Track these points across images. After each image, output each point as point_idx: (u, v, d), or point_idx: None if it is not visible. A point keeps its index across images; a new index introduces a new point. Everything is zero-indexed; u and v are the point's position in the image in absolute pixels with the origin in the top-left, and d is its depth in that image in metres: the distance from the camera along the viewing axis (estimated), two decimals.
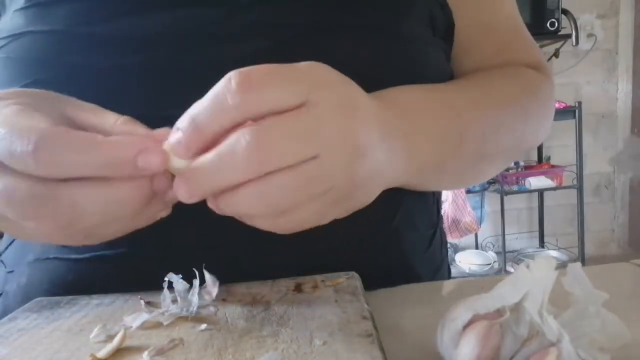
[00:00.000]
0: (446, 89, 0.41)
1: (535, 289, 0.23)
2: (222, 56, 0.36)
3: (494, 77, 0.46)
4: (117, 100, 0.36)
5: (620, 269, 0.43)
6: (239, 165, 0.24)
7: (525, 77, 0.48)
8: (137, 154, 0.25)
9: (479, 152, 0.40)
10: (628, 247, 2.81)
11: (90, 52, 0.36)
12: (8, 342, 0.29)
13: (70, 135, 0.25)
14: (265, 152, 0.24)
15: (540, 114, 0.47)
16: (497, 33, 0.49)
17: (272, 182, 0.25)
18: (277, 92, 0.25)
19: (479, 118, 0.40)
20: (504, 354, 0.23)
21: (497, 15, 0.49)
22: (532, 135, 0.48)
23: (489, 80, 0.45)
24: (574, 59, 2.62)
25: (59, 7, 0.36)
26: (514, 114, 0.43)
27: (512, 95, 0.44)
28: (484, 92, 0.43)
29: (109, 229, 0.28)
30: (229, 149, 0.24)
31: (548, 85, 0.49)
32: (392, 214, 0.43)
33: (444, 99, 0.39)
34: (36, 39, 0.36)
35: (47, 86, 0.35)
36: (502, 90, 0.44)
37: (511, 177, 2.41)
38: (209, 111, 0.25)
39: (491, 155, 0.43)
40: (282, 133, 0.25)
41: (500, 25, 0.49)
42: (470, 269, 2.43)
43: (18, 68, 0.36)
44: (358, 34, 0.38)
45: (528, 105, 0.45)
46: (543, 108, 0.48)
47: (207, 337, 0.28)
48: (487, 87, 0.44)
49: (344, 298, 0.32)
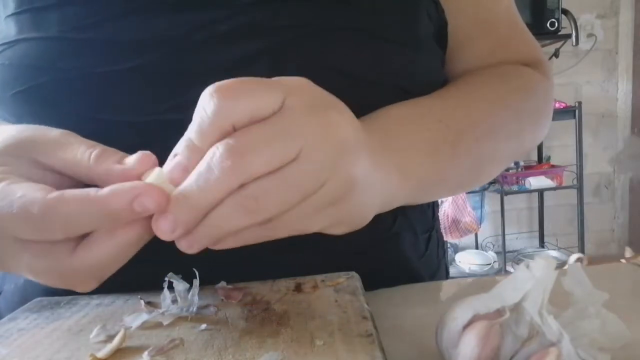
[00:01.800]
0: (431, 101, 0.40)
1: (535, 289, 0.23)
2: (216, 60, 0.35)
3: (485, 78, 0.45)
4: (111, 105, 0.35)
5: (620, 269, 0.43)
6: (217, 179, 0.24)
7: (520, 76, 0.47)
8: (132, 201, 0.25)
9: (474, 158, 0.40)
10: (628, 247, 2.81)
11: (85, 58, 0.35)
12: (8, 342, 0.29)
13: (65, 200, 0.25)
14: (240, 160, 0.24)
15: (538, 112, 0.47)
16: (494, 29, 0.48)
17: (253, 189, 0.25)
18: (253, 99, 0.25)
19: (468, 125, 0.39)
20: (504, 354, 0.23)
21: (494, 11, 0.48)
22: (530, 135, 0.47)
23: (479, 83, 0.45)
24: (574, 59, 2.63)
25: (51, 13, 0.35)
26: (508, 115, 0.43)
27: (504, 96, 0.44)
28: (472, 98, 0.42)
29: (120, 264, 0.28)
30: (206, 165, 0.25)
31: (545, 82, 0.49)
32: (392, 218, 0.43)
33: (429, 111, 0.39)
34: (30, 45, 0.36)
35: (41, 92, 0.35)
36: (493, 92, 0.44)
37: (511, 177, 2.41)
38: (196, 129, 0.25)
39: (488, 159, 0.43)
40: (256, 139, 0.25)
41: (497, 22, 0.48)
42: (470, 269, 2.43)
43: (12, 74, 0.36)
44: (356, 36, 0.38)
45: (523, 105, 0.45)
46: (540, 106, 0.47)
47: (207, 337, 0.28)
48: (476, 91, 0.43)
49: (344, 298, 0.32)
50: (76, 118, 0.35)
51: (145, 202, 0.25)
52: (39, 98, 0.36)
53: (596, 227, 2.78)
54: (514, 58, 0.49)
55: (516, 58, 0.49)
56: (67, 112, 0.35)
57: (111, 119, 0.35)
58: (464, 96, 0.42)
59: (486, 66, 0.48)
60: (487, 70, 0.47)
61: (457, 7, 0.45)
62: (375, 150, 0.31)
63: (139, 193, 0.25)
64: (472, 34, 0.47)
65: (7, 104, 0.37)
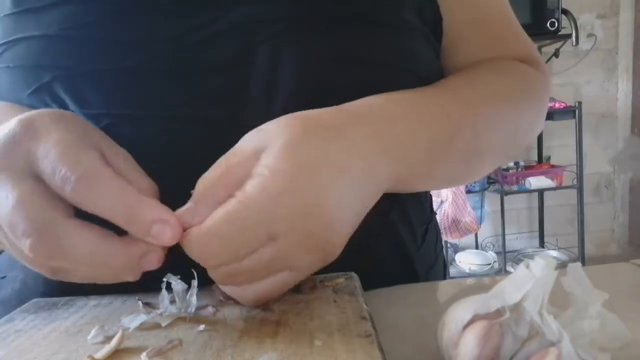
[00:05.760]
0: (434, 90, 0.40)
1: (535, 289, 0.23)
2: (216, 57, 0.35)
3: (484, 72, 0.45)
4: (115, 102, 0.36)
5: (620, 269, 0.43)
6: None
7: (517, 71, 0.47)
8: (155, 221, 0.27)
9: (469, 150, 0.40)
10: (628, 247, 2.81)
11: (87, 55, 0.35)
12: (5, 344, 0.29)
13: (110, 178, 0.27)
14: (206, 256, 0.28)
15: (533, 109, 0.47)
16: (486, 26, 0.48)
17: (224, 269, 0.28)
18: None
19: (468, 117, 0.39)
20: (504, 354, 0.23)
21: (486, 9, 0.48)
22: (526, 131, 0.47)
23: (479, 76, 0.44)
24: (574, 59, 2.62)
25: (50, 12, 0.35)
26: (505, 109, 0.43)
27: (502, 91, 0.44)
28: (473, 90, 0.42)
29: (78, 275, 0.30)
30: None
31: (541, 78, 0.49)
32: (387, 208, 0.42)
33: (432, 100, 0.38)
34: (31, 44, 0.36)
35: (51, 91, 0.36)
36: (492, 86, 0.43)
37: (511, 177, 2.41)
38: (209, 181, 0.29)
39: (483, 153, 0.42)
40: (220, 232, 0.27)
41: (489, 19, 0.48)
42: (470, 269, 2.43)
43: (20, 75, 0.36)
44: (353, 25, 0.38)
45: (520, 101, 0.45)
46: (536, 102, 0.47)
47: (205, 338, 0.28)
48: (476, 84, 0.43)
49: (343, 298, 0.32)
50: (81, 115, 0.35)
51: (166, 230, 0.27)
52: (49, 97, 0.36)
53: (596, 227, 2.78)
54: (506, 55, 0.48)
55: (509, 55, 0.48)
56: (72, 110, 0.36)
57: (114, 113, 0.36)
58: (465, 87, 0.42)
59: (479, 62, 0.47)
60: (485, 64, 0.46)
61: (448, 5, 0.45)
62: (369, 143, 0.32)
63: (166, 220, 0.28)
64: (463, 31, 0.47)
65: (25, 105, 0.37)
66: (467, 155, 0.40)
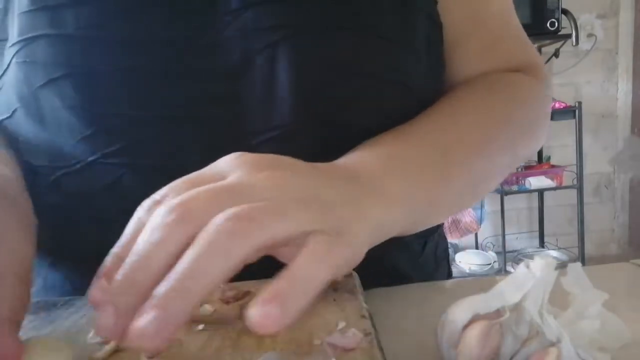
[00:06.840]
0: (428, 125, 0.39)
1: (535, 289, 0.23)
2: (220, 61, 0.36)
3: (473, 93, 0.44)
4: (118, 101, 0.36)
5: (620, 269, 0.43)
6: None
7: (512, 87, 0.46)
8: None
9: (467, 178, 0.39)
10: (628, 247, 2.81)
11: (100, 55, 0.36)
12: None
13: None
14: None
15: (531, 123, 0.46)
16: (485, 28, 0.47)
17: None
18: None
19: (465, 153, 0.38)
20: (504, 354, 0.23)
21: (483, 12, 0.47)
22: (524, 147, 0.46)
23: (468, 98, 0.43)
24: (574, 59, 2.62)
25: (67, 11, 0.36)
26: (499, 129, 0.42)
27: (495, 111, 0.42)
28: (462, 115, 0.41)
29: None
30: None
31: (538, 88, 0.47)
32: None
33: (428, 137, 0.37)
34: (49, 42, 0.36)
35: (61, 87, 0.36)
36: (482, 108, 0.42)
37: (511, 177, 2.40)
38: None
39: (479, 183, 0.41)
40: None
41: (486, 22, 0.47)
42: (470, 269, 2.43)
43: (33, 70, 0.37)
44: (354, 34, 0.38)
45: (514, 117, 0.44)
46: (533, 116, 0.46)
47: (205, 337, 0.28)
48: (466, 108, 0.42)
49: (343, 297, 0.32)
50: (90, 114, 0.36)
51: None
52: (57, 94, 0.36)
53: (596, 227, 2.78)
54: (505, 59, 0.47)
55: (507, 59, 0.48)
56: (82, 108, 0.36)
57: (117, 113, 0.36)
58: (453, 115, 0.41)
59: (476, 72, 0.46)
60: (475, 84, 0.45)
61: (447, 7, 0.44)
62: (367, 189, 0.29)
63: None
64: (460, 35, 0.46)
65: (29, 101, 0.37)
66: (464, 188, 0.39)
